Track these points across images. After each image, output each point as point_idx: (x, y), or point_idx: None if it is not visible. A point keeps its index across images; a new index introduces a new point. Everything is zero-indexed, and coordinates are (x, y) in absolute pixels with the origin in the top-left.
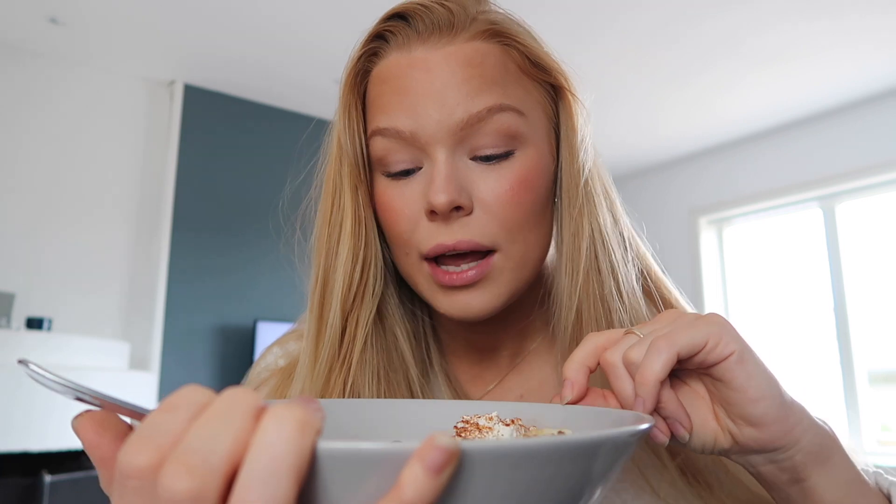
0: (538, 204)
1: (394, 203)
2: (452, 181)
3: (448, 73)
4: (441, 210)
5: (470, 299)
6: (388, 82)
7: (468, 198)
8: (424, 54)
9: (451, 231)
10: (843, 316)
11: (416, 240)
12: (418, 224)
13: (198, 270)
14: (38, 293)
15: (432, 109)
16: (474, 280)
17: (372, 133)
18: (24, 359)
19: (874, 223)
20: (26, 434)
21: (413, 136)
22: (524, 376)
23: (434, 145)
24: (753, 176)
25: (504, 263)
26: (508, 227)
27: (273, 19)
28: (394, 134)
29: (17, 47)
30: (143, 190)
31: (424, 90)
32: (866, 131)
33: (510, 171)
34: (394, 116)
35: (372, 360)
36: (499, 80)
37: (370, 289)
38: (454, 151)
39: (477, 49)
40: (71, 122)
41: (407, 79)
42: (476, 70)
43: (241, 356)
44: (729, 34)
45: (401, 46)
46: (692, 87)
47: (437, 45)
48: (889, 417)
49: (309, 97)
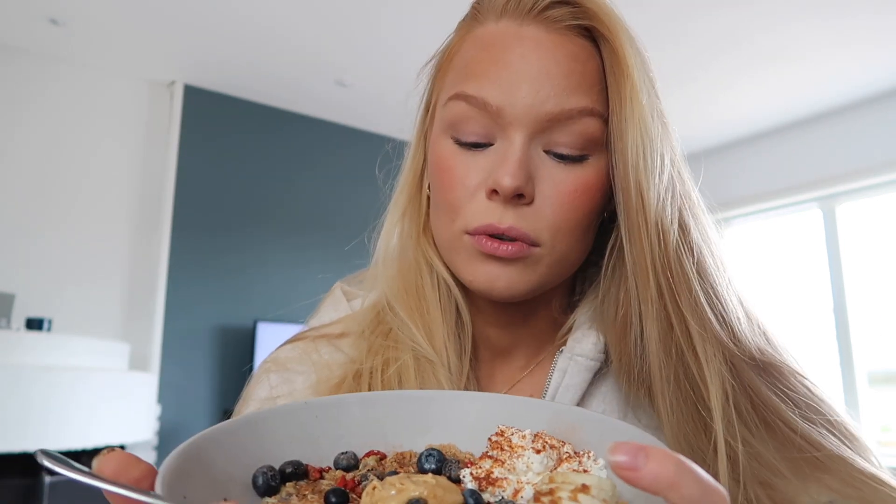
0: (592, 214)
1: (457, 170)
2: (524, 167)
3: (553, 60)
4: (505, 193)
5: (500, 274)
6: (489, 50)
7: (532, 188)
8: (536, 33)
9: (506, 216)
10: (843, 316)
11: (467, 212)
12: (474, 197)
13: (198, 271)
14: (38, 293)
15: (527, 92)
16: (512, 256)
17: (455, 95)
18: (43, 450)
19: (874, 224)
20: (26, 434)
21: (498, 112)
22: (536, 383)
23: (516, 127)
24: (753, 176)
25: (543, 258)
26: (559, 227)
27: (273, 21)
28: (480, 104)
29: (17, 47)
30: (143, 190)
31: (525, 70)
32: (866, 131)
33: (579, 175)
34: (485, 87)
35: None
36: (595, 85)
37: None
38: (532, 139)
39: (585, 48)
40: (71, 123)
41: (510, 53)
42: (579, 67)
43: (241, 357)
44: (728, 33)
45: (512, 15)
46: (691, 86)
47: (550, 28)
48: (889, 418)
49: (308, 98)
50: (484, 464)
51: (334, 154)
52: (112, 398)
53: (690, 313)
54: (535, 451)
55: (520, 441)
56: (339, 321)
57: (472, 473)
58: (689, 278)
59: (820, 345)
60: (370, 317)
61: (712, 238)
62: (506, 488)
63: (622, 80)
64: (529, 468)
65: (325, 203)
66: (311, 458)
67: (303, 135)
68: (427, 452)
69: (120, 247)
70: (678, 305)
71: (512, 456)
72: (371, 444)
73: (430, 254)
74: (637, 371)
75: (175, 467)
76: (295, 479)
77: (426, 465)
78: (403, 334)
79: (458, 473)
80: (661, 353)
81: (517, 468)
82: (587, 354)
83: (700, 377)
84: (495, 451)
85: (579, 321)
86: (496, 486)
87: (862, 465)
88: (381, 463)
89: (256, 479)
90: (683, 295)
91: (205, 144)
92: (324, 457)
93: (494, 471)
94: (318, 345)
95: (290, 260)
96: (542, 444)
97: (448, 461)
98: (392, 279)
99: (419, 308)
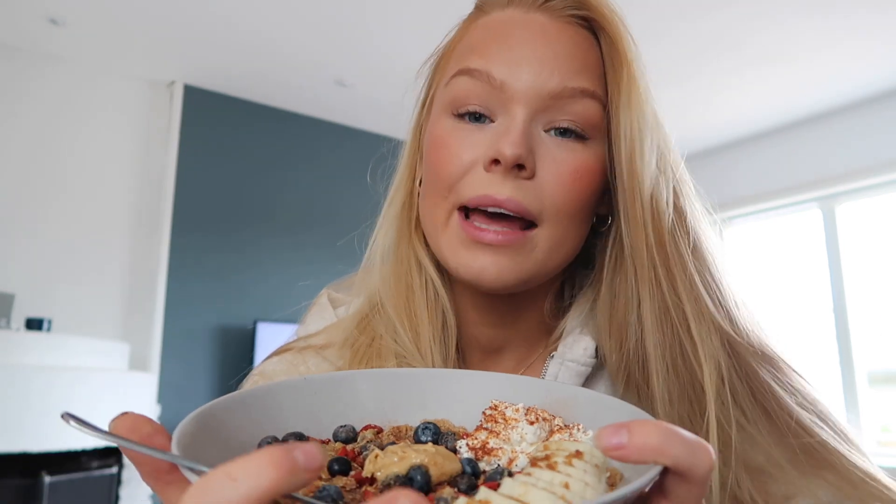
0: (591, 200)
1: (451, 143)
2: (526, 139)
3: (557, 43)
4: (507, 162)
5: (489, 263)
6: (495, 30)
7: (533, 162)
8: (541, 19)
9: (506, 187)
10: (843, 316)
11: (462, 186)
12: (469, 172)
13: (198, 271)
14: (37, 293)
15: (530, 68)
16: (502, 243)
17: (459, 72)
18: (67, 412)
19: (874, 224)
20: (26, 435)
21: (501, 87)
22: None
23: (518, 103)
24: (753, 176)
25: (539, 241)
26: (559, 207)
27: (272, 21)
28: (484, 77)
29: (17, 47)
30: (143, 189)
31: (530, 49)
32: (866, 131)
33: (578, 155)
34: (490, 61)
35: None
36: (596, 71)
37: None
38: (534, 117)
39: (587, 38)
40: (71, 123)
41: (515, 34)
42: (581, 53)
43: (241, 357)
44: (728, 33)
45: (518, 4)
46: (691, 86)
47: (554, 16)
48: (889, 418)
49: (308, 98)
50: (479, 435)
51: (334, 154)
52: (112, 398)
53: (686, 294)
54: (528, 423)
55: (513, 414)
56: (323, 331)
57: (469, 444)
58: (685, 259)
59: (820, 345)
60: (353, 325)
61: (708, 233)
62: (501, 457)
63: (620, 69)
64: (523, 438)
65: (326, 203)
66: (312, 431)
67: (302, 135)
68: (423, 426)
69: (120, 246)
70: (674, 286)
71: (506, 427)
72: (368, 419)
73: (420, 253)
74: (634, 365)
75: (189, 430)
76: None
77: (423, 437)
78: (389, 335)
79: (455, 444)
80: (656, 334)
81: (511, 439)
82: (578, 360)
83: (695, 357)
84: (490, 424)
85: (570, 326)
86: (492, 456)
87: (855, 460)
88: (379, 436)
89: (261, 447)
90: (679, 276)
91: (205, 144)
92: (324, 430)
93: (490, 441)
94: (305, 356)
95: (290, 260)
96: (535, 417)
97: (444, 434)
98: (385, 278)
99: (407, 309)
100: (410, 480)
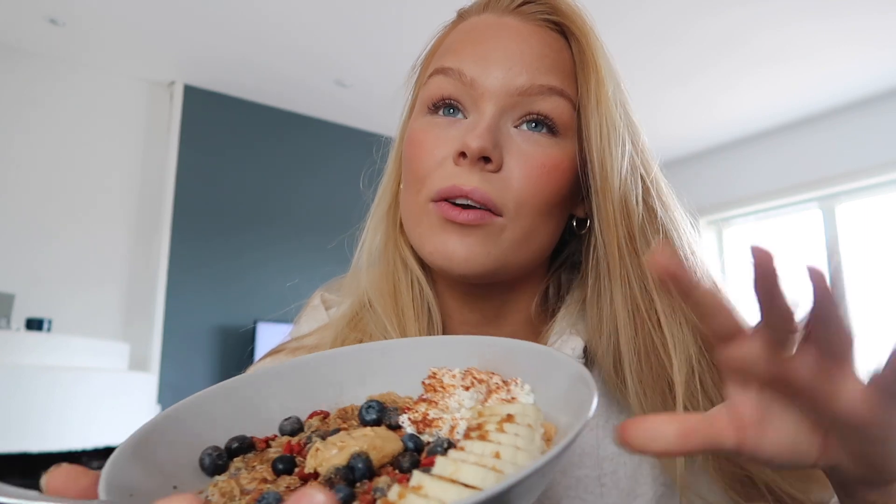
0: (558, 196)
1: (426, 139)
2: (492, 133)
3: (527, 45)
4: (472, 154)
5: (458, 244)
6: (469, 33)
7: (500, 156)
8: (514, 23)
9: (471, 178)
10: None
11: (434, 178)
12: (441, 165)
13: (198, 271)
14: (37, 294)
15: (500, 66)
16: (472, 222)
17: (434, 72)
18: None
19: (874, 224)
20: (26, 435)
21: (472, 83)
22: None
23: (488, 99)
24: (753, 176)
25: (505, 230)
26: (524, 200)
27: (272, 21)
28: (455, 75)
29: (17, 48)
30: (143, 190)
31: (501, 49)
32: (866, 131)
33: (547, 150)
34: (462, 60)
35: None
36: (566, 73)
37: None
38: (503, 114)
39: (558, 41)
40: (71, 123)
41: (488, 35)
42: (552, 54)
43: (241, 357)
44: (729, 34)
45: (493, 9)
46: (692, 86)
47: (527, 20)
48: None
49: (308, 98)
50: (420, 407)
51: (334, 154)
52: (112, 398)
53: (656, 290)
54: (464, 389)
55: (450, 381)
56: (314, 332)
57: (410, 418)
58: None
59: None
60: (343, 324)
61: (684, 230)
62: (441, 427)
63: (589, 72)
64: (461, 405)
65: (326, 203)
66: (257, 429)
67: (303, 135)
68: (367, 405)
69: (120, 247)
70: (644, 284)
71: (444, 396)
72: (315, 405)
73: (405, 253)
74: (614, 360)
75: (117, 468)
76: (242, 454)
77: (367, 416)
78: (379, 333)
79: (398, 420)
80: (628, 330)
81: (450, 407)
82: None
83: (664, 351)
84: (429, 394)
85: (559, 327)
86: (433, 427)
87: None
88: (325, 422)
89: (203, 460)
90: (649, 273)
91: (205, 144)
92: (270, 426)
93: (430, 412)
94: (298, 356)
95: (290, 260)
96: (470, 381)
97: (388, 410)
98: (374, 279)
99: (395, 308)
100: (352, 470)
